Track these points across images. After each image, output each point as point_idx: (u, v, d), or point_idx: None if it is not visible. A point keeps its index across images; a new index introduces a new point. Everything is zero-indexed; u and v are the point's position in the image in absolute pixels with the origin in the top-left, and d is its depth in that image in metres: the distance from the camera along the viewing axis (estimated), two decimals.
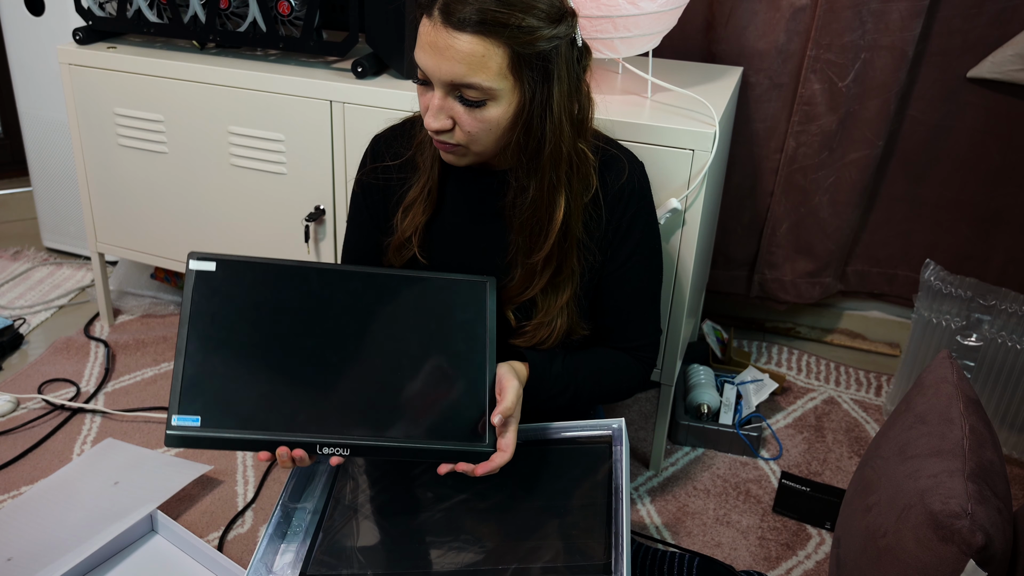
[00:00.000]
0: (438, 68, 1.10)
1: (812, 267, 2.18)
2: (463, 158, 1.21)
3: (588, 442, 1.29)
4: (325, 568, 1.17)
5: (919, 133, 2.02)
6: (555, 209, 1.21)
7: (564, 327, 1.29)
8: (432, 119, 1.14)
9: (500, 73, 1.10)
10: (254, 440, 1.09)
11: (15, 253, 2.64)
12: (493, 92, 1.11)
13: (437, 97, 1.13)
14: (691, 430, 1.89)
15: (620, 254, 1.31)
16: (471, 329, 1.21)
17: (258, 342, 1.15)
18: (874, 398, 2.10)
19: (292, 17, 1.79)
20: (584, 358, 1.34)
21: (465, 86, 1.10)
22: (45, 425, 1.90)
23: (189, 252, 1.18)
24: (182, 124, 1.89)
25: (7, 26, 2.40)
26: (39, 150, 2.51)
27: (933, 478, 1.09)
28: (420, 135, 1.31)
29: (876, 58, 1.92)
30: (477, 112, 1.13)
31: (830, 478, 1.82)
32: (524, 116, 1.14)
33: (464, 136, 1.16)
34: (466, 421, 1.14)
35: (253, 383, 1.12)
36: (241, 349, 1.14)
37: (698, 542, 1.64)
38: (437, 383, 1.16)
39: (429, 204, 1.31)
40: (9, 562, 1.50)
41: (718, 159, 1.63)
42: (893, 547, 1.08)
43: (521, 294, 1.28)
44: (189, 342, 1.13)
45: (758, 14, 1.94)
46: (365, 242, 1.40)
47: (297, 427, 1.11)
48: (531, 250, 1.24)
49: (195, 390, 1.11)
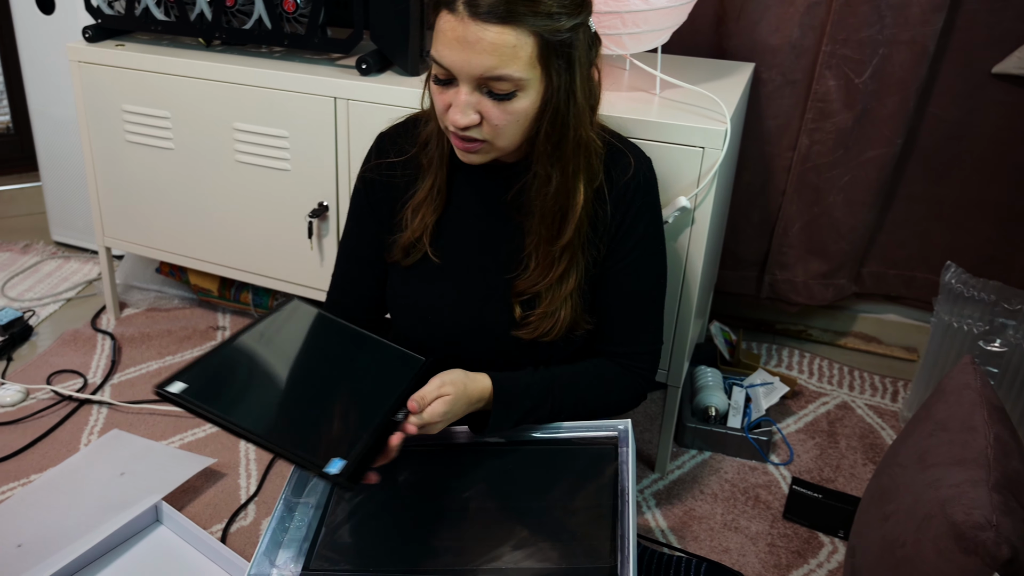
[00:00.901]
0: (467, 63, 1.08)
1: (825, 268, 2.14)
2: (485, 155, 1.19)
3: (593, 443, 1.28)
4: (327, 563, 1.17)
5: (940, 131, 1.98)
6: (577, 195, 1.21)
7: (567, 319, 1.27)
8: (460, 115, 1.12)
9: (530, 63, 1.09)
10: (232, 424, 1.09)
11: (25, 247, 2.66)
12: (523, 83, 1.10)
13: (464, 93, 1.11)
14: (698, 433, 1.86)
15: (621, 250, 1.29)
16: (388, 385, 1.24)
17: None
18: (890, 404, 2.06)
19: (297, 14, 1.78)
20: (563, 370, 1.32)
21: (495, 79, 1.09)
22: (53, 415, 1.92)
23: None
24: (188, 121, 1.89)
25: (18, 24, 2.42)
26: (48, 146, 2.53)
27: (955, 487, 1.06)
28: (424, 134, 1.29)
29: (895, 53, 1.88)
30: (506, 105, 1.12)
31: (843, 485, 1.78)
32: (551, 105, 1.14)
33: (490, 131, 1.14)
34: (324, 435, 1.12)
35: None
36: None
37: (705, 547, 1.62)
38: (332, 405, 1.17)
39: (439, 203, 1.30)
40: (19, 548, 1.53)
41: (729, 157, 1.61)
42: (912, 558, 1.06)
43: (537, 283, 1.26)
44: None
45: (771, 8, 1.90)
46: (365, 238, 1.39)
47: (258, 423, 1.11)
48: (553, 237, 1.24)
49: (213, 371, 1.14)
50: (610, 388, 1.34)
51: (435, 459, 1.30)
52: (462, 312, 1.32)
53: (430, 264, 1.32)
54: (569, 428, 1.30)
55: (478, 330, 1.32)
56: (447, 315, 1.32)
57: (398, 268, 1.36)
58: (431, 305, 1.33)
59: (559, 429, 1.30)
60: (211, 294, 2.30)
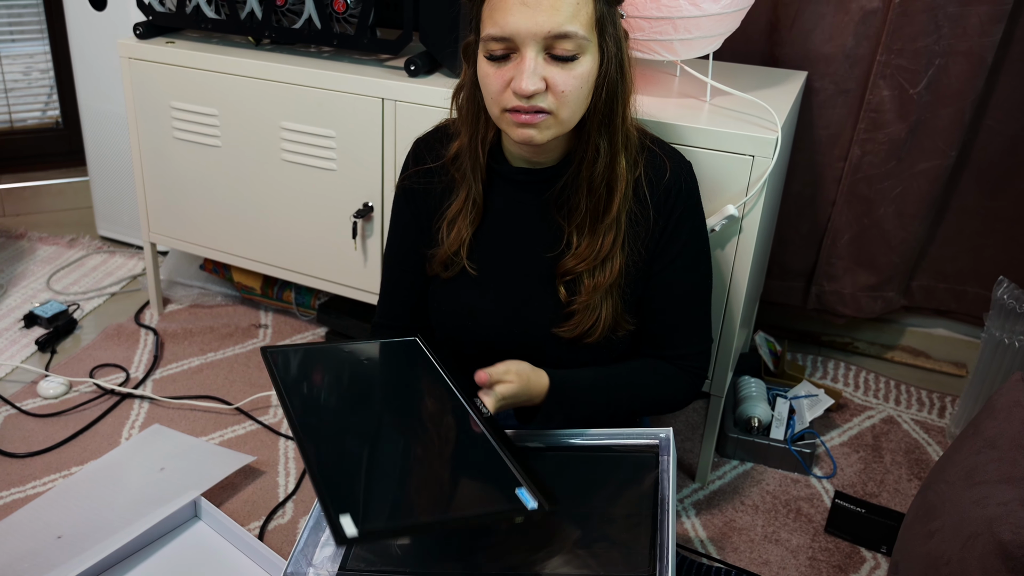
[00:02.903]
0: (533, 22, 1.09)
1: (874, 280, 2.11)
2: (546, 131, 1.17)
3: (634, 451, 1.27)
4: (364, 564, 1.17)
5: (995, 143, 1.94)
6: (620, 168, 1.22)
7: (609, 318, 1.27)
8: (527, 82, 1.11)
9: (589, 24, 1.12)
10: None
11: (71, 241, 2.70)
12: (584, 44, 1.12)
13: (528, 58, 1.11)
14: (740, 443, 1.84)
15: (666, 255, 1.29)
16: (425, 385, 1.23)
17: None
18: (937, 419, 2.02)
19: (347, 15, 1.79)
20: (621, 368, 1.32)
21: (561, 36, 1.10)
22: (95, 408, 1.94)
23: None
24: (236, 119, 1.90)
25: (70, 20, 2.45)
26: (97, 141, 2.56)
27: (1003, 506, 1.04)
28: (452, 148, 1.30)
29: (951, 64, 1.84)
30: (571, 68, 1.13)
31: (887, 500, 1.75)
32: (606, 75, 1.16)
33: (556, 99, 1.14)
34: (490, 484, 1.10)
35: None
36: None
37: (745, 559, 1.60)
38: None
39: (475, 215, 1.30)
40: (59, 540, 1.54)
41: (779, 166, 1.59)
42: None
43: (581, 261, 1.26)
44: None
45: (825, 17, 1.88)
46: (409, 246, 1.39)
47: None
48: (601, 213, 1.24)
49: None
50: (665, 387, 1.35)
51: None
52: (503, 317, 1.32)
53: (468, 276, 1.32)
54: (610, 435, 1.29)
55: (520, 334, 1.31)
56: (488, 322, 1.33)
57: (438, 279, 1.36)
58: (472, 313, 1.33)
59: (600, 436, 1.29)
60: (254, 292, 2.32)
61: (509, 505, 1.02)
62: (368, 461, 1.09)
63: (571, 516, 1.19)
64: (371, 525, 0.95)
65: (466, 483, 1.09)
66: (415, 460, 1.12)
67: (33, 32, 2.86)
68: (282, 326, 2.28)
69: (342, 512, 0.95)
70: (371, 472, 1.07)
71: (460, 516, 1.04)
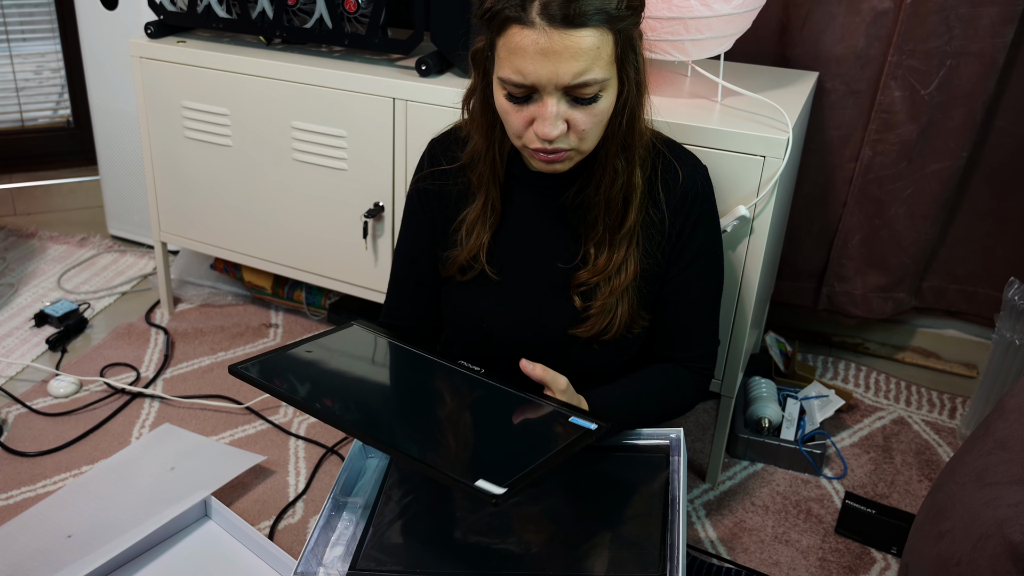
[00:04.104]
0: (555, 73, 1.07)
1: (885, 281, 2.10)
2: (569, 163, 1.19)
3: (645, 451, 1.27)
4: (374, 563, 1.17)
5: (1007, 145, 1.93)
6: (636, 180, 1.22)
7: (626, 316, 1.27)
8: (550, 128, 1.11)
9: (610, 61, 1.10)
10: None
11: (81, 240, 2.70)
12: (606, 83, 1.11)
13: (550, 104, 1.10)
14: (751, 444, 1.83)
15: (682, 259, 1.29)
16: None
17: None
18: (948, 420, 2.01)
19: (358, 14, 1.79)
20: (641, 378, 1.33)
21: (582, 84, 1.08)
22: (106, 407, 1.95)
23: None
24: (247, 118, 1.91)
25: (81, 19, 2.46)
26: (108, 140, 2.57)
27: (1014, 507, 1.04)
28: (468, 152, 1.30)
29: (963, 65, 1.84)
30: (592, 108, 1.12)
31: (898, 501, 1.75)
32: (626, 101, 1.15)
33: (576, 137, 1.14)
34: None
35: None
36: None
37: (755, 559, 1.59)
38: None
39: (494, 220, 1.30)
40: (69, 539, 1.55)
41: (790, 167, 1.58)
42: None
43: (598, 273, 1.26)
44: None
45: (836, 18, 1.87)
46: (421, 247, 1.39)
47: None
48: (618, 226, 1.24)
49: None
50: (679, 390, 1.35)
51: None
52: (520, 318, 1.32)
53: (487, 279, 1.32)
54: (621, 436, 1.29)
55: (536, 335, 1.31)
56: (505, 323, 1.32)
57: (454, 281, 1.36)
58: (488, 315, 1.33)
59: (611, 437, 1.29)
60: (265, 291, 2.32)
61: (579, 432, 1.06)
62: (439, 431, 1.12)
63: (582, 516, 1.19)
64: (508, 479, 0.98)
65: (527, 428, 1.12)
66: (472, 421, 1.15)
67: (44, 31, 2.87)
68: (292, 326, 2.29)
69: (475, 479, 0.98)
70: (455, 439, 1.10)
71: (556, 451, 1.05)
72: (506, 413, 1.15)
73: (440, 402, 1.21)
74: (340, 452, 1.82)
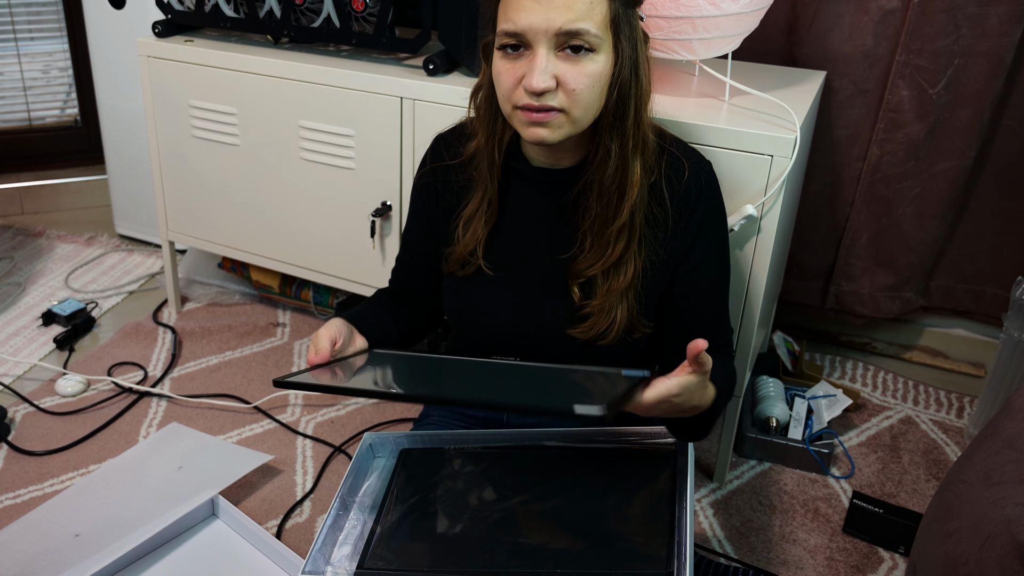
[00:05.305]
0: (546, 18, 1.09)
1: (892, 281, 2.10)
2: (558, 130, 1.17)
3: (652, 450, 1.26)
4: (382, 563, 1.17)
5: (1015, 144, 1.93)
6: (632, 174, 1.21)
7: (624, 320, 1.26)
8: (538, 79, 1.11)
9: (603, 24, 1.11)
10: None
11: (89, 239, 2.71)
12: (597, 43, 1.11)
13: (540, 55, 1.11)
14: (758, 443, 1.83)
15: (695, 254, 1.28)
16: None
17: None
18: (955, 420, 2.01)
19: (366, 13, 1.79)
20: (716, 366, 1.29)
21: (573, 33, 1.09)
22: (113, 406, 1.95)
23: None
24: (254, 117, 1.91)
25: (89, 18, 2.46)
26: (115, 139, 2.57)
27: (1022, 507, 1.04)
28: (470, 147, 1.30)
29: (971, 64, 1.83)
30: (583, 64, 1.12)
31: (905, 500, 1.75)
32: (619, 77, 1.15)
33: (567, 97, 1.13)
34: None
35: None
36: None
37: (762, 558, 1.59)
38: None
39: (491, 215, 1.30)
40: (77, 538, 1.55)
41: (797, 166, 1.58)
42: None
43: (593, 265, 1.25)
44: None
45: (844, 17, 1.87)
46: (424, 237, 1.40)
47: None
48: (610, 218, 1.23)
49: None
50: (729, 366, 1.35)
51: (492, 461, 1.30)
52: (519, 315, 1.32)
53: (485, 275, 1.32)
54: (628, 434, 1.29)
55: (535, 332, 1.31)
56: (504, 319, 1.32)
57: (453, 276, 1.36)
58: (488, 311, 1.33)
59: (618, 434, 1.29)
60: (272, 290, 2.33)
61: (635, 378, 1.05)
62: (516, 390, 1.11)
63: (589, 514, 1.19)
64: (603, 400, 0.96)
65: (591, 380, 1.11)
66: (538, 384, 1.14)
67: (52, 30, 2.88)
68: (300, 325, 2.29)
69: (572, 405, 0.94)
70: (535, 391, 1.10)
71: (626, 390, 1.03)
72: (563, 378, 1.15)
73: (500, 378, 1.19)
74: (348, 451, 1.82)
